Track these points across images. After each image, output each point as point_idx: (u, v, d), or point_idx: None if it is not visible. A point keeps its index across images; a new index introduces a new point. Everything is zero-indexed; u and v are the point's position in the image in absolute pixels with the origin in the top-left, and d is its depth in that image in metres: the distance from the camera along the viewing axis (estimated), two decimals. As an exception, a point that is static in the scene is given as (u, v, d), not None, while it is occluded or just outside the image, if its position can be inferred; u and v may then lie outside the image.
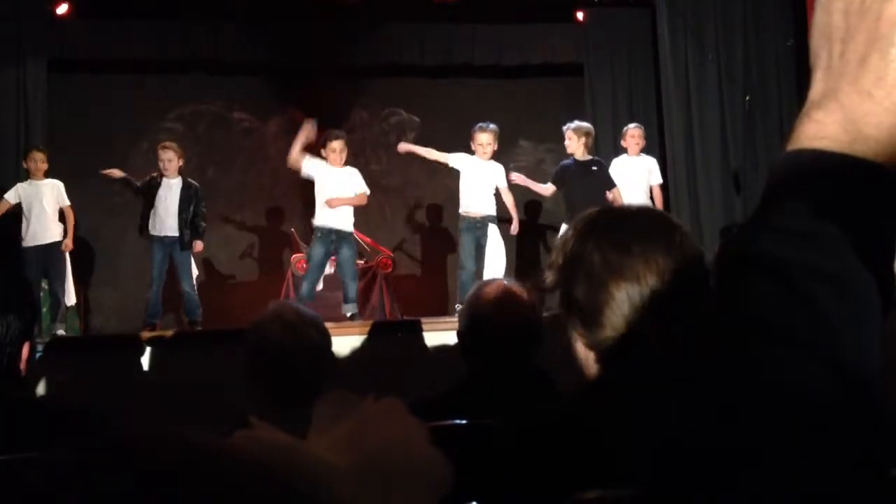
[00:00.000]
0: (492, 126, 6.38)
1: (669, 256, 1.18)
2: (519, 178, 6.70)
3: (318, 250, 6.14)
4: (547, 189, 6.69)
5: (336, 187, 6.18)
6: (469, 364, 2.14)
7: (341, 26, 7.98)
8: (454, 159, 6.43)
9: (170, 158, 6.34)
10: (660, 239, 1.19)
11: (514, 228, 6.54)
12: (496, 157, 6.54)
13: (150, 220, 6.32)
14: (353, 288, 6.20)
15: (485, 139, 6.31)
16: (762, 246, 0.56)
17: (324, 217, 6.18)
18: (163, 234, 6.27)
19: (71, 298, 6.61)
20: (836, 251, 0.53)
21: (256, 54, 8.04)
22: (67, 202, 6.42)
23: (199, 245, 6.41)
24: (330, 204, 6.14)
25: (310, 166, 6.20)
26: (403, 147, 6.71)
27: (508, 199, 6.52)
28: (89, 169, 6.81)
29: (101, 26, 7.64)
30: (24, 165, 6.43)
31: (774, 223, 0.55)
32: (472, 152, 6.43)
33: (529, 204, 8.57)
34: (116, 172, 6.53)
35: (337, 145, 6.19)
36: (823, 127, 0.55)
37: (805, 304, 0.53)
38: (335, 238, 6.17)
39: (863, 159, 0.53)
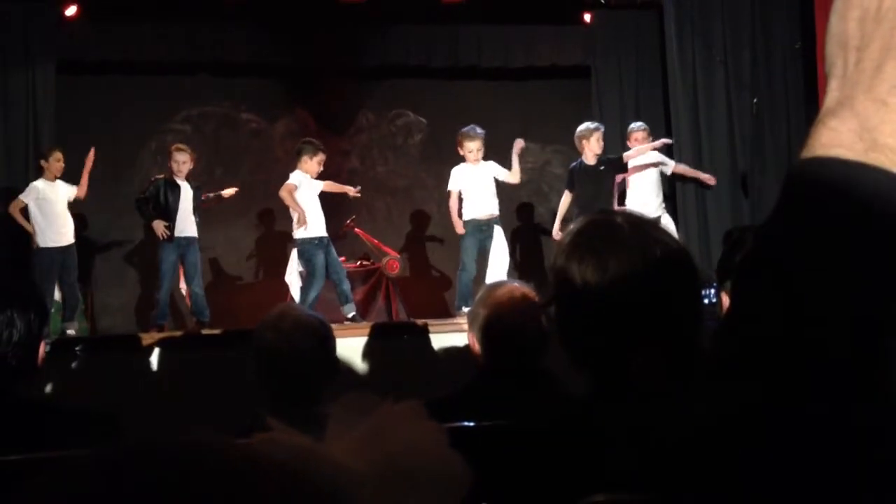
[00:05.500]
0: (479, 130, 6.42)
1: (647, 273, 1.19)
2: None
3: (320, 259, 6.20)
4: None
5: (315, 195, 6.31)
6: (478, 366, 2.15)
7: (348, 28, 7.98)
8: (454, 184, 6.45)
9: (184, 160, 6.36)
10: (636, 255, 1.19)
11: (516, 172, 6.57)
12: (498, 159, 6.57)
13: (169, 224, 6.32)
14: (348, 285, 6.30)
15: (476, 146, 6.34)
16: (775, 253, 0.56)
17: (315, 228, 6.23)
18: (181, 235, 6.29)
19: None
20: (849, 259, 0.53)
21: (264, 56, 8.05)
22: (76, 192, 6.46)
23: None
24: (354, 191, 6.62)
25: (295, 188, 6.28)
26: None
27: (516, 175, 6.53)
28: (98, 170, 6.82)
29: (110, 28, 7.65)
30: (44, 164, 6.36)
31: (788, 231, 0.56)
32: (460, 159, 6.44)
33: (527, 206, 8.56)
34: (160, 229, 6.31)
35: (323, 158, 6.35)
36: (838, 135, 0.55)
37: (817, 311, 0.53)
38: (326, 243, 6.27)
39: (878, 168, 0.53)
